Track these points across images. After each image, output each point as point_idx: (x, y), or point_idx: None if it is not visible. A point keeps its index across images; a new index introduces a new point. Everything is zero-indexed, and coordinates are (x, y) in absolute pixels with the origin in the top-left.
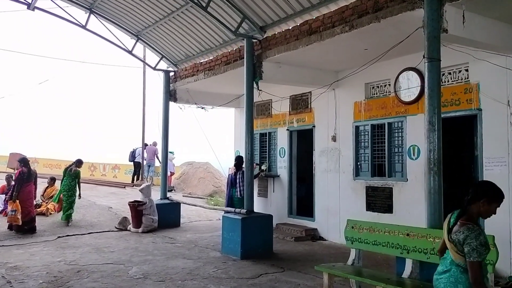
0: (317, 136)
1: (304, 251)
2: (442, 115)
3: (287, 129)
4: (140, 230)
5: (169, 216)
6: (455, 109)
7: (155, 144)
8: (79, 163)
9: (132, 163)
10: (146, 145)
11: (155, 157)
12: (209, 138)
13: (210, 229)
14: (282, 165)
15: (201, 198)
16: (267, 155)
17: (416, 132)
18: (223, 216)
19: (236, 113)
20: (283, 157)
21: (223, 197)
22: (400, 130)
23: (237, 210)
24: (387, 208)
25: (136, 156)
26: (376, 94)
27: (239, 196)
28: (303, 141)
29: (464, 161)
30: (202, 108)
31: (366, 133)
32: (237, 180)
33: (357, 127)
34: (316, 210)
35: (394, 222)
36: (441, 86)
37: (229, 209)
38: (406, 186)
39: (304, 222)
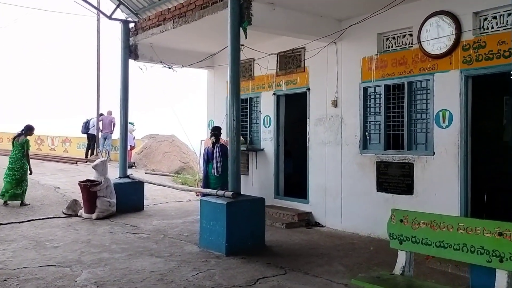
0: (313, 101)
1: (302, 241)
2: (484, 71)
3: (274, 94)
4: (94, 216)
5: (130, 198)
6: (503, 63)
7: (110, 113)
8: (28, 130)
9: (85, 135)
10: (101, 115)
11: (112, 128)
12: (175, 106)
13: (180, 213)
14: (266, 137)
15: (166, 175)
16: (247, 125)
17: (448, 93)
18: (201, 200)
19: (210, 75)
20: (268, 127)
21: (193, 174)
22: (424, 91)
23: (220, 192)
24: (406, 188)
25: (90, 127)
26: (392, 47)
27: (216, 174)
28: (294, 108)
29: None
30: (169, 67)
31: (378, 96)
32: (215, 155)
33: (365, 89)
34: (310, 190)
35: (415, 206)
36: (485, 34)
37: (208, 191)
38: (432, 161)
39: (295, 205)
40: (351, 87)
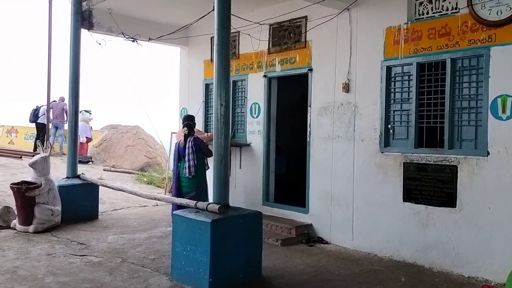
0: (316, 85)
1: (308, 268)
2: None
3: (265, 76)
4: (30, 229)
5: (80, 204)
6: None
7: (62, 99)
8: None
9: (34, 124)
10: (54, 101)
11: (65, 117)
12: (139, 91)
13: (145, 222)
14: (254, 129)
15: (129, 173)
16: (230, 115)
17: (510, 73)
18: (175, 216)
19: (183, 54)
20: (257, 117)
21: (160, 171)
22: (475, 71)
23: (201, 204)
24: (445, 198)
25: (39, 115)
26: (429, 13)
27: (187, 175)
28: (290, 94)
29: None
30: (133, 40)
31: (408, 77)
32: (187, 151)
33: (389, 69)
34: (310, 196)
35: (458, 222)
36: None
37: (184, 201)
38: (485, 164)
39: (290, 214)
40: (369, 66)
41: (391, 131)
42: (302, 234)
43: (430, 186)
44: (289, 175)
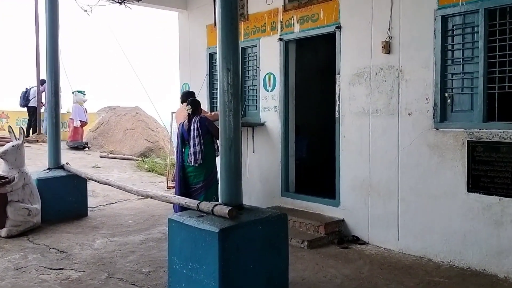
0: (347, 47)
1: (347, 281)
2: None
3: (280, 39)
4: (3, 232)
5: (65, 200)
6: None
7: None
8: None
9: (25, 109)
10: (43, 82)
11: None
12: (137, 67)
13: (142, 220)
14: (269, 105)
15: (128, 159)
16: (240, 89)
17: None
18: (170, 221)
19: (182, 19)
20: (271, 90)
21: (164, 156)
22: None
23: (205, 205)
24: None
25: (30, 98)
26: None
27: (193, 163)
28: (313, 60)
29: None
30: (120, 3)
31: (471, 29)
32: (192, 134)
33: (446, 19)
34: (341, 186)
35: None
36: None
37: (182, 201)
38: None
39: (316, 207)
40: (418, 17)
41: (449, 100)
42: (332, 232)
43: (506, 172)
44: (311, 159)
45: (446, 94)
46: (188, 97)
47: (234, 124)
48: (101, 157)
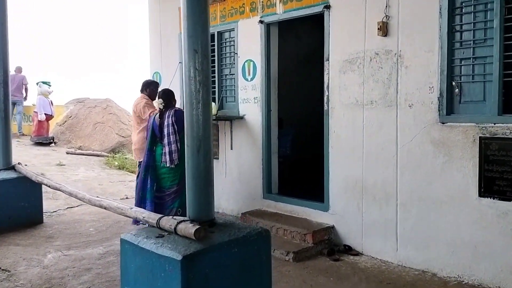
0: (336, 29)
1: None
2: None
3: (261, 21)
4: None
5: (16, 205)
6: None
7: (20, 70)
8: None
9: None
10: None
11: (24, 92)
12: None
13: (105, 227)
14: (249, 96)
15: (98, 155)
16: (216, 79)
17: None
18: (122, 241)
19: (152, 2)
20: (251, 79)
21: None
22: None
23: (165, 221)
24: None
25: None
26: None
27: (168, 164)
28: (298, 45)
29: None
30: None
31: (484, 5)
32: (166, 131)
33: None
34: (331, 187)
35: None
36: None
37: (139, 215)
38: None
39: (302, 211)
40: None
41: (457, 90)
42: (321, 241)
43: None
44: (297, 156)
45: (454, 83)
46: (148, 87)
47: (204, 120)
48: (67, 153)
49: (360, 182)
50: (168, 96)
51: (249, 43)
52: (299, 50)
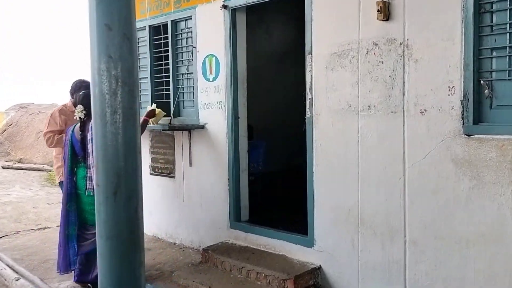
0: (321, 13)
1: None
2: None
3: (224, 6)
4: None
5: None
6: None
7: None
8: None
9: None
10: None
11: None
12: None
13: (30, 267)
14: (211, 101)
15: (38, 170)
16: (170, 79)
17: None
18: None
19: None
20: (214, 79)
21: None
22: None
23: None
24: None
25: None
26: None
27: (92, 191)
28: (272, 36)
29: None
30: None
31: None
32: (91, 146)
33: None
34: (317, 216)
35: None
36: None
37: None
38: None
39: (280, 246)
40: None
41: (487, 90)
42: None
43: None
44: (272, 171)
45: (482, 81)
46: (78, 91)
47: (125, 141)
48: (3, 167)
49: (355, 211)
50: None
51: (210, 34)
52: (274, 43)
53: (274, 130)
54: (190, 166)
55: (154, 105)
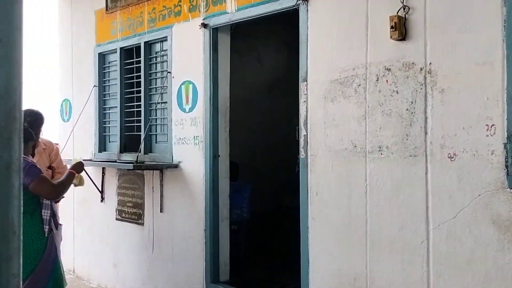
0: (319, 32)
1: None
2: None
3: (204, 25)
4: None
5: None
6: None
7: None
8: None
9: None
10: None
11: None
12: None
13: None
14: (187, 135)
15: None
16: (142, 109)
17: None
18: None
19: (63, 3)
20: (191, 110)
21: None
22: None
23: None
24: None
25: None
26: None
27: None
28: (259, 62)
29: None
30: None
31: None
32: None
33: None
34: (312, 283)
35: None
36: None
37: None
38: None
39: None
40: None
41: None
42: None
43: None
44: (259, 222)
45: None
46: (31, 119)
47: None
48: None
49: (363, 280)
50: (28, 136)
51: (187, 58)
52: (265, 71)
53: (263, 170)
54: (161, 212)
55: (79, 158)
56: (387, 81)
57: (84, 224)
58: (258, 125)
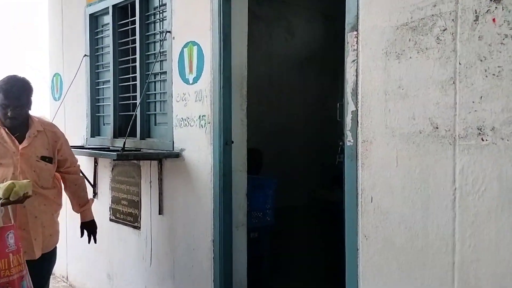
0: None
1: None
2: None
3: None
4: None
5: None
6: None
7: None
8: None
9: None
10: None
11: None
12: None
13: None
14: (191, 115)
15: None
16: (137, 81)
17: None
18: None
19: None
20: (195, 81)
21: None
22: None
23: None
24: None
25: None
26: None
27: None
28: (286, 32)
29: None
30: None
31: None
32: None
33: None
34: None
35: None
36: None
37: None
38: None
39: None
40: None
41: None
42: None
43: None
44: (288, 226)
45: None
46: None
47: None
48: None
49: None
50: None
51: (192, 11)
52: (294, 42)
53: (293, 160)
54: (160, 213)
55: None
56: (493, 19)
57: (77, 224)
58: (288, 106)
